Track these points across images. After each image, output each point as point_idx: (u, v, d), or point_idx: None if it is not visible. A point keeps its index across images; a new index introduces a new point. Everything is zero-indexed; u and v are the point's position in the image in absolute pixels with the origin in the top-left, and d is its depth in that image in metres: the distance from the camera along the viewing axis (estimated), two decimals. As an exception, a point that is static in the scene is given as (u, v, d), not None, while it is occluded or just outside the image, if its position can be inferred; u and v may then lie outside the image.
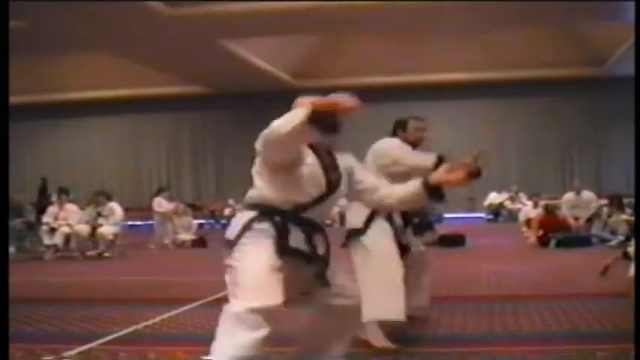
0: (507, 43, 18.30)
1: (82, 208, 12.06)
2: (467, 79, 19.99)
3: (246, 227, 2.79)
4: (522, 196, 17.66)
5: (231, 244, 2.79)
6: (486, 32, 17.74)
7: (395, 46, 18.52)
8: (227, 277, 2.75)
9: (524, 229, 12.88)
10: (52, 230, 11.36)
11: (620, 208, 11.28)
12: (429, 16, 14.20)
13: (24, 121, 19.83)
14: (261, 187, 2.89)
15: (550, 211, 11.52)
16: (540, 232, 11.02)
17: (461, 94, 20.36)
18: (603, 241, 10.57)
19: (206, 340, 4.63)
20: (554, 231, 10.81)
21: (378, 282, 4.04)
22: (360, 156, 5.93)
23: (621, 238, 9.97)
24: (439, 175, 3.05)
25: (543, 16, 14.61)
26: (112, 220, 11.46)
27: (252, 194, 2.92)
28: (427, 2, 12.90)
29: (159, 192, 14.12)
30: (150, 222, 19.66)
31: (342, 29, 16.37)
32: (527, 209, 13.94)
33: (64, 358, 4.13)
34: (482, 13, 13.97)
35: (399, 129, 4.66)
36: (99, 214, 11.46)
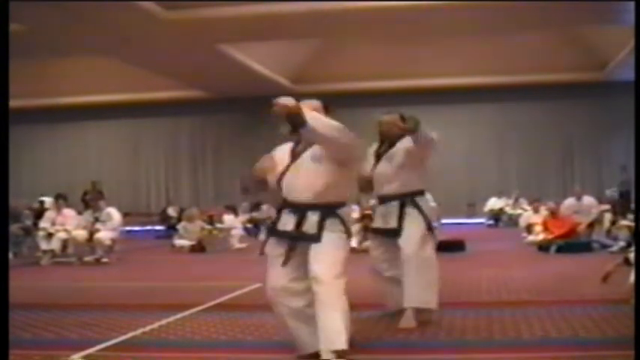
0: (507, 48, 18.27)
1: (79, 212, 11.99)
2: (466, 83, 19.95)
3: None
4: (523, 202, 17.61)
5: None
6: (486, 37, 17.72)
7: (394, 50, 18.51)
8: None
9: (525, 234, 12.84)
10: (50, 235, 11.25)
11: (622, 213, 11.23)
12: (427, 20, 14.17)
13: (22, 126, 19.77)
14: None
15: (554, 213, 11.49)
16: (541, 237, 10.96)
17: (460, 99, 20.31)
18: (604, 247, 10.51)
19: (204, 346, 4.61)
20: (559, 228, 10.80)
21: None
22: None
23: (622, 244, 9.92)
24: None
25: (543, 20, 14.59)
26: (110, 225, 11.39)
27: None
28: (426, 5, 12.86)
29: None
30: (148, 227, 19.80)
31: (341, 33, 16.36)
32: (528, 214, 13.89)
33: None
34: (482, 18, 13.96)
35: None
36: (96, 219, 11.41)
